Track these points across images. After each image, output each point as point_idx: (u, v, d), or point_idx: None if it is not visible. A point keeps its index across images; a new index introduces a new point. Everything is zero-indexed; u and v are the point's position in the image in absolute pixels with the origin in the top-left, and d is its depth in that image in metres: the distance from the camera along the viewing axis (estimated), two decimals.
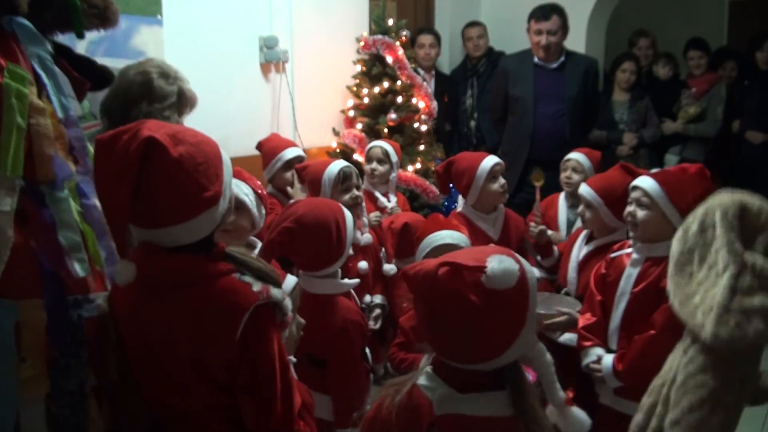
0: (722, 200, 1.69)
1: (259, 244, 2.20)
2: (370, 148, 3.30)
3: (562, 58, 4.07)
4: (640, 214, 2.21)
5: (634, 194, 2.26)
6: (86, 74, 1.64)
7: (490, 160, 2.82)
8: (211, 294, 1.35)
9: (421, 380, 1.33)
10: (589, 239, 2.69)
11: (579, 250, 2.68)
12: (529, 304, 1.28)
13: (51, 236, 1.34)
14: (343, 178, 2.71)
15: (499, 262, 1.25)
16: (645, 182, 2.23)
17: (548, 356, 1.29)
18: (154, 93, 2.11)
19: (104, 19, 1.67)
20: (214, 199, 1.35)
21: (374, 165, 3.25)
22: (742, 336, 1.57)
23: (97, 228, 1.44)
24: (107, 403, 1.43)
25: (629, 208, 2.26)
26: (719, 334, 1.58)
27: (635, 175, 2.49)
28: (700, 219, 1.70)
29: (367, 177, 3.28)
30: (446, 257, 1.31)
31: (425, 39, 4.73)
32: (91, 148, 1.50)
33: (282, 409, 1.41)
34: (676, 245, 1.77)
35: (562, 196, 3.20)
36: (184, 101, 2.19)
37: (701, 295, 1.65)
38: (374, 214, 3.05)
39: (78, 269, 1.35)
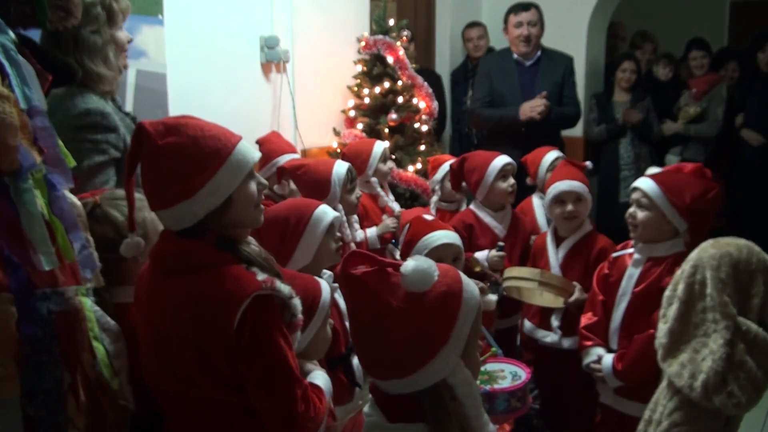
0: (712, 255, 1.67)
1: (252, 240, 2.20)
2: (385, 148, 3.22)
3: (539, 53, 4.10)
4: (640, 215, 2.21)
5: (634, 195, 2.26)
6: (49, 68, 1.56)
7: (502, 159, 2.87)
8: (214, 280, 1.37)
9: (366, 408, 1.28)
10: (557, 241, 2.70)
11: (555, 255, 2.67)
12: (456, 324, 1.20)
13: (15, 228, 1.29)
14: (351, 178, 2.68)
15: (414, 261, 1.21)
16: (644, 183, 2.23)
17: (476, 386, 1.20)
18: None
19: (67, 11, 1.62)
20: (186, 193, 1.35)
21: (390, 164, 3.23)
22: (735, 404, 1.58)
23: (66, 220, 1.41)
24: (86, 399, 1.40)
25: (630, 210, 2.26)
26: (711, 400, 1.59)
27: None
28: (688, 273, 1.69)
29: (381, 177, 3.21)
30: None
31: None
32: (59, 140, 1.47)
33: (303, 401, 1.42)
34: (666, 292, 1.77)
35: (535, 198, 3.23)
36: (113, 14, 2.05)
37: (689, 354, 1.65)
38: (392, 221, 3.01)
39: (43, 262, 1.30)
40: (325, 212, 2.07)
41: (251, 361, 1.37)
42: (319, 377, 1.62)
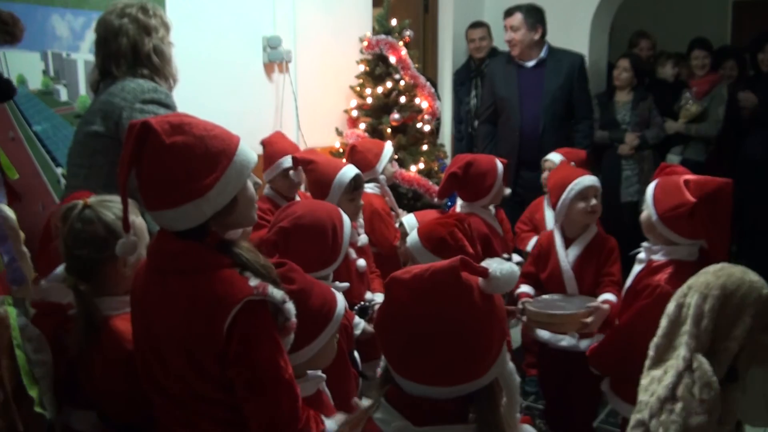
0: (705, 282, 1.60)
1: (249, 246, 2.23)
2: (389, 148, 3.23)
3: (542, 55, 4.10)
4: (642, 215, 2.26)
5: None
6: None
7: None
8: (207, 283, 1.37)
9: (377, 414, 1.22)
10: (567, 242, 2.69)
11: (566, 257, 2.65)
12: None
13: None
14: (354, 186, 2.67)
15: (500, 264, 1.20)
16: (650, 185, 2.26)
17: (518, 378, 1.21)
18: (149, 27, 2.29)
19: (12, 35, 1.80)
20: (198, 191, 1.36)
21: (395, 166, 3.30)
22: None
23: None
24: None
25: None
26: (652, 425, 1.58)
27: None
28: (681, 293, 1.66)
29: (389, 179, 3.25)
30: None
31: None
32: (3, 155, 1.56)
33: (288, 409, 1.41)
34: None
35: (545, 197, 3.26)
36: (167, 27, 2.40)
37: (660, 372, 1.64)
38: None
39: None
40: (345, 215, 2.18)
41: (239, 365, 1.38)
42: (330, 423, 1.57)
